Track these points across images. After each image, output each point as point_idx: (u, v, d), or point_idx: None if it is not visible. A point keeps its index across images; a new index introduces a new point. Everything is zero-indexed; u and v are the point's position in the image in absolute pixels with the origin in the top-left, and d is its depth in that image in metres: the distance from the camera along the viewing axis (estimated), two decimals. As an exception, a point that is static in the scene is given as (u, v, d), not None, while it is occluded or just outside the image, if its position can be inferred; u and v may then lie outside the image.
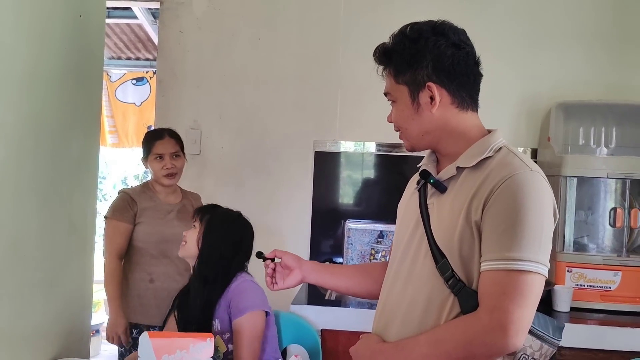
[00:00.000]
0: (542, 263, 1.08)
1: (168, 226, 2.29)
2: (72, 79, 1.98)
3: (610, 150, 2.42)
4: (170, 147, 2.32)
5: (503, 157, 1.16)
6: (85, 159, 2.16)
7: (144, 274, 2.26)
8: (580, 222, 2.42)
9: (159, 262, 2.27)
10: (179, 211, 2.35)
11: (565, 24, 2.72)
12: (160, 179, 2.32)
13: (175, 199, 2.39)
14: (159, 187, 2.35)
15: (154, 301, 2.25)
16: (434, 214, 1.19)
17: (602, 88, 2.65)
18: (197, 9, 2.91)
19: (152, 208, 2.30)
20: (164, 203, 2.34)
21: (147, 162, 2.35)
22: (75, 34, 1.97)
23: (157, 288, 2.26)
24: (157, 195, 2.34)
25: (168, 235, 2.27)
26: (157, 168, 2.30)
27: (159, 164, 2.30)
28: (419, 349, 1.13)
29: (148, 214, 2.28)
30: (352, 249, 2.71)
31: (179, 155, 2.36)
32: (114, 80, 5.10)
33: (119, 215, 2.24)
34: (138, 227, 2.27)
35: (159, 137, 2.34)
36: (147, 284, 2.26)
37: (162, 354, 1.29)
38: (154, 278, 2.27)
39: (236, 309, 1.77)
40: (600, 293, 2.28)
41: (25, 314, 1.75)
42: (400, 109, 1.22)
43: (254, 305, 1.79)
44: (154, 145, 2.31)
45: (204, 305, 1.80)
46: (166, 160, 2.31)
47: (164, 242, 2.27)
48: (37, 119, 1.77)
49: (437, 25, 1.19)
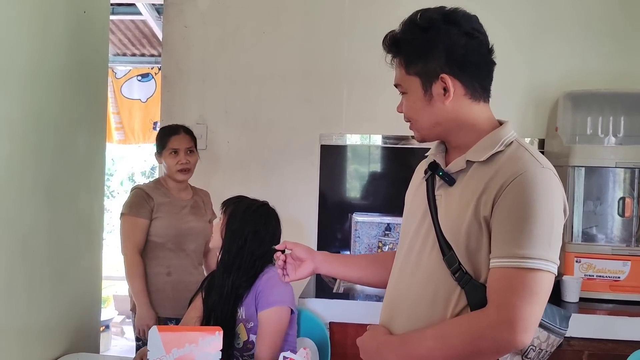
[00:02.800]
0: (552, 261, 1.06)
1: (184, 220, 2.33)
2: (77, 75, 1.98)
3: (619, 140, 2.40)
4: (185, 143, 2.35)
5: (513, 152, 1.13)
6: (92, 156, 2.16)
7: (161, 267, 2.30)
8: (589, 212, 2.40)
9: (175, 255, 2.32)
10: (192, 206, 2.39)
11: (573, 13, 2.69)
12: (174, 174, 2.34)
13: (187, 195, 2.42)
14: (172, 183, 2.38)
15: (172, 294, 2.29)
16: (442, 206, 1.18)
17: (610, 77, 2.63)
18: (201, 3, 2.90)
19: (167, 203, 2.33)
20: (178, 199, 2.38)
21: (161, 157, 2.37)
22: (80, 30, 1.97)
23: (174, 281, 2.30)
24: (170, 191, 2.37)
25: (184, 229, 2.32)
26: (172, 163, 2.33)
27: (174, 159, 2.32)
28: (425, 342, 1.12)
29: (164, 209, 2.31)
30: (359, 242, 2.71)
31: (193, 151, 2.39)
32: (120, 77, 5.11)
33: (136, 211, 2.27)
34: (155, 222, 2.30)
35: (174, 132, 2.36)
36: (165, 277, 2.30)
37: (172, 348, 1.30)
38: (171, 271, 2.31)
39: (265, 301, 1.78)
40: (609, 283, 2.27)
41: (35, 310, 1.76)
42: (412, 101, 1.20)
43: (283, 300, 1.80)
44: (170, 140, 2.34)
45: (229, 295, 1.81)
46: (181, 155, 2.33)
47: (181, 236, 2.32)
48: (42, 115, 1.77)
49: (449, 13, 1.16)
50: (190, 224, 2.34)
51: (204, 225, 2.42)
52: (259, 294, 1.80)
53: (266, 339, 1.76)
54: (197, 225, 2.38)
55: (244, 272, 1.82)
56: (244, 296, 1.81)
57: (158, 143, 2.39)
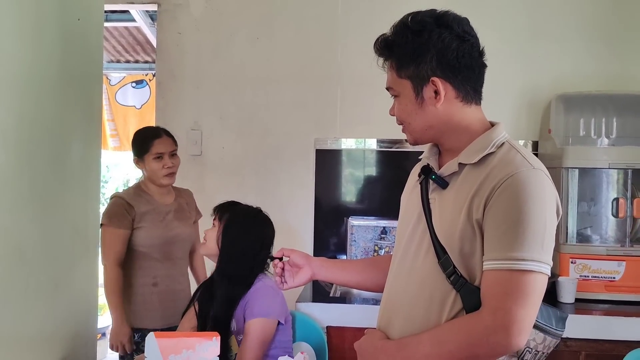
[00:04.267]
0: (545, 262, 1.06)
1: (169, 228, 2.26)
2: (72, 83, 1.98)
3: (612, 141, 2.42)
4: (169, 146, 2.27)
5: (505, 153, 1.14)
6: (87, 163, 2.16)
7: (147, 278, 2.24)
8: (583, 213, 2.42)
9: (162, 265, 2.25)
10: (176, 211, 2.32)
11: (565, 16, 2.71)
12: (160, 179, 2.25)
13: (170, 198, 2.34)
14: (154, 187, 2.29)
15: (159, 305, 2.24)
16: (436, 209, 1.18)
17: (602, 79, 2.65)
18: (194, 10, 2.91)
19: (151, 212, 2.25)
20: (161, 204, 2.29)
21: (143, 162, 2.26)
22: (74, 37, 1.98)
23: (161, 291, 2.25)
24: (152, 197, 2.29)
25: (170, 237, 2.25)
26: (157, 168, 2.23)
27: (159, 164, 2.23)
28: (422, 348, 1.12)
29: (148, 218, 2.23)
30: (355, 246, 2.71)
31: (176, 154, 2.30)
32: (114, 84, 5.10)
33: (117, 222, 2.18)
34: (138, 232, 2.21)
35: (156, 136, 2.26)
36: (151, 288, 2.24)
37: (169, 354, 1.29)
38: (158, 282, 2.25)
39: (250, 311, 1.77)
40: (605, 284, 2.28)
41: (31, 318, 1.75)
42: (404, 104, 1.20)
43: (268, 312, 1.78)
44: (153, 145, 2.24)
45: (226, 303, 1.79)
46: (166, 159, 2.24)
47: (167, 244, 2.25)
48: (37, 123, 1.77)
49: (440, 16, 1.16)
50: (175, 230, 2.26)
51: (190, 230, 2.35)
52: (246, 304, 1.79)
53: (248, 350, 1.73)
54: (183, 231, 2.31)
55: (242, 280, 1.81)
56: (239, 302, 1.80)
57: (138, 147, 2.27)
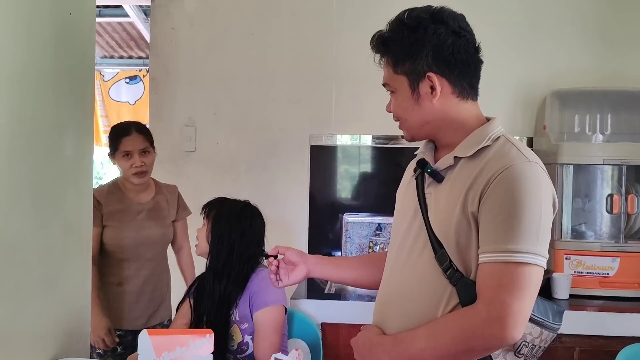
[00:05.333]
0: (541, 254, 1.06)
1: (139, 228, 2.21)
2: (63, 78, 1.96)
3: (606, 137, 2.42)
4: (138, 144, 2.18)
5: (500, 146, 1.14)
6: (79, 159, 2.14)
7: (113, 277, 2.20)
8: (578, 209, 2.42)
9: (129, 265, 2.20)
10: (151, 210, 2.26)
11: (561, 12, 2.71)
12: (129, 177, 2.19)
13: (147, 196, 2.28)
14: (129, 185, 2.23)
15: (124, 305, 2.19)
16: (432, 204, 1.18)
17: (597, 75, 2.65)
18: (188, 5, 2.89)
19: (120, 210, 2.20)
20: (134, 203, 2.24)
21: (114, 159, 2.22)
22: (65, 32, 1.95)
23: (125, 292, 2.20)
24: (126, 194, 2.24)
25: (141, 238, 2.20)
26: (126, 166, 2.17)
27: (127, 162, 2.16)
28: (417, 342, 1.12)
29: (117, 217, 2.18)
30: (350, 242, 2.71)
31: (149, 152, 2.21)
32: (107, 80, 5.08)
33: None
34: (107, 231, 2.17)
35: (125, 133, 2.18)
36: (115, 287, 2.20)
37: (162, 352, 1.29)
38: (123, 282, 2.21)
39: (260, 301, 1.77)
40: (599, 280, 2.29)
41: (23, 315, 1.74)
42: (400, 100, 1.20)
43: (277, 300, 1.80)
44: (121, 142, 2.17)
45: (221, 300, 1.79)
46: (135, 157, 2.16)
47: (136, 245, 2.20)
48: (28, 119, 1.75)
49: (436, 12, 1.17)
50: (146, 231, 2.20)
51: (164, 230, 2.30)
52: (253, 295, 1.79)
53: (265, 339, 1.75)
54: (155, 233, 2.25)
55: (235, 276, 1.81)
56: (238, 299, 1.80)
57: (110, 144, 2.22)
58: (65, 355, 1.94)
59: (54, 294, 1.93)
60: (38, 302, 1.82)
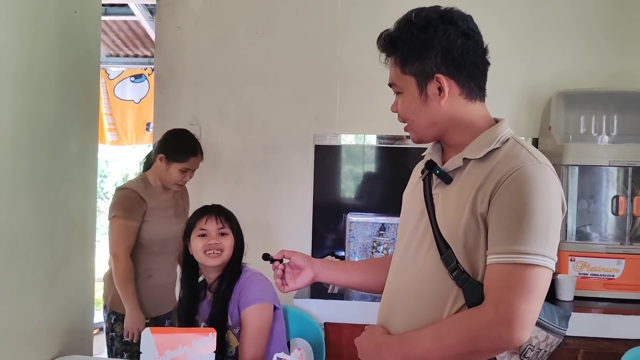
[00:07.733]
0: (549, 257, 1.06)
1: (169, 224, 2.34)
2: (69, 76, 1.96)
3: (612, 139, 2.41)
4: (197, 164, 2.38)
5: (510, 148, 1.13)
6: (84, 157, 2.14)
7: (144, 270, 2.31)
8: (583, 211, 2.41)
9: (157, 258, 2.33)
10: (175, 207, 2.41)
11: (566, 13, 2.70)
12: (170, 185, 2.36)
13: (169, 194, 2.41)
14: (159, 184, 2.36)
15: (153, 296, 2.32)
16: (439, 205, 1.17)
17: (603, 76, 2.63)
18: (194, 4, 2.89)
19: (157, 207, 2.33)
20: (164, 200, 2.38)
21: (168, 165, 2.32)
22: (71, 30, 1.96)
23: (153, 285, 2.33)
24: (156, 192, 2.36)
25: (169, 233, 2.30)
26: (177, 178, 2.33)
27: (180, 176, 2.33)
28: (423, 342, 1.11)
29: (155, 214, 2.31)
30: (354, 242, 2.70)
31: None
32: (113, 78, 5.09)
33: (131, 214, 2.25)
34: (145, 226, 2.29)
35: (194, 153, 2.34)
36: (145, 280, 2.31)
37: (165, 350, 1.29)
38: (152, 274, 2.32)
39: (245, 300, 1.77)
40: (604, 281, 2.28)
41: (27, 312, 1.75)
42: (407, 101, 1.19)
43: (262, 297, 1.79)
44: (189, 161, 2.32)
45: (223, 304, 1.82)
46: (188, 175, 2.36)
47: (165, 239, 2.31)
48: (34, 117, 1.76)
49: (445, 13, 1.15)
50: (174, 227, 2.28)
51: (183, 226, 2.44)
52: (240, 294, 1.79)
53: (249, 338, 1.73)
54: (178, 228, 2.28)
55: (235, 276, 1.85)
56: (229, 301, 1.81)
57: (172, 152, 2.33)
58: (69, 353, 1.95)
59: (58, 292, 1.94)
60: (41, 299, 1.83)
